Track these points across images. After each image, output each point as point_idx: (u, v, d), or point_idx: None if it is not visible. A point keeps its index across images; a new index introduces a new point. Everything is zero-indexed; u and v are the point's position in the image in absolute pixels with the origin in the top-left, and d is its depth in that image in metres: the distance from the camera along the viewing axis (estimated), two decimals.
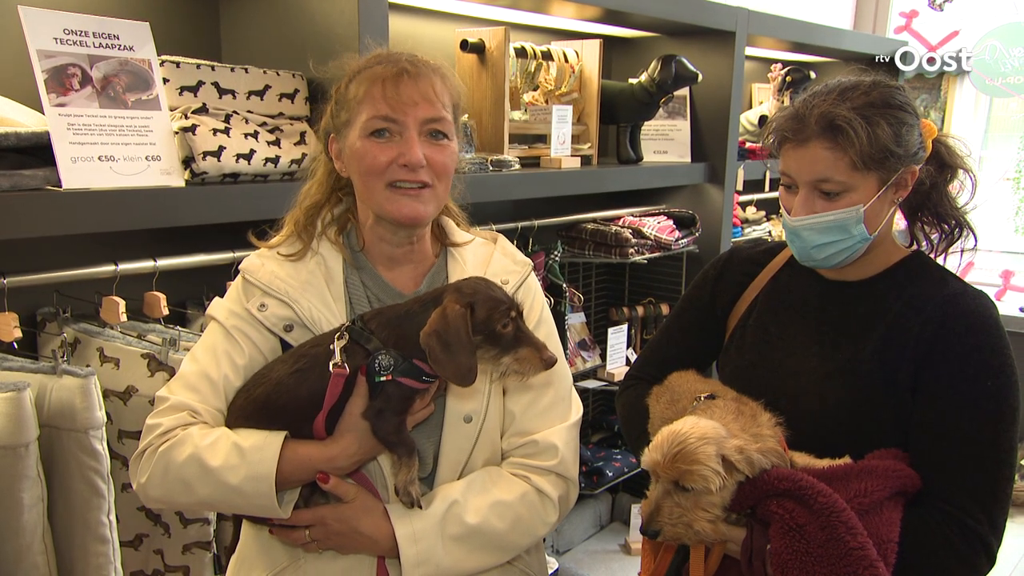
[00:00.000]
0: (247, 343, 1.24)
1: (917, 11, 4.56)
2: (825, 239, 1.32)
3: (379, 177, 1.21)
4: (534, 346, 1.15)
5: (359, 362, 1.17)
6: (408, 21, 2.45)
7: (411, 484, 1.18)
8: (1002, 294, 4.34)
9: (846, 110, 1.25)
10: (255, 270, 1.27)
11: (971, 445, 1.23)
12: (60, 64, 1.49)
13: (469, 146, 2.25)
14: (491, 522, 1.22)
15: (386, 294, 1.29)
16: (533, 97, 2.73)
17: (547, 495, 1.27)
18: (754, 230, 3.54)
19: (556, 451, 1.28)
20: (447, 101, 1.24)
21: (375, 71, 1.21)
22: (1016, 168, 4.58)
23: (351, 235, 1.32)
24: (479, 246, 1.38)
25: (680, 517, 1.20)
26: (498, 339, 1.15)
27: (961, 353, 1.26)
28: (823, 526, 1.14)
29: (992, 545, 1.22)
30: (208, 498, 1.16)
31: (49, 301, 1.76)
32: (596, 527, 3.40)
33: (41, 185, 1.47)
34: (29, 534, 1.47)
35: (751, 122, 3.65)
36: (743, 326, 1.50)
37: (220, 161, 1.66)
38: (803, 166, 1.30)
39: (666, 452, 1.20)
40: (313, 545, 1.22)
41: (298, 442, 1.18)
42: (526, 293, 1.35)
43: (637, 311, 3.16)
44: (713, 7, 2.83)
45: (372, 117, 1.20)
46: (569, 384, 1.37)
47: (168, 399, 1.21)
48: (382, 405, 1.16)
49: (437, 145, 1.23)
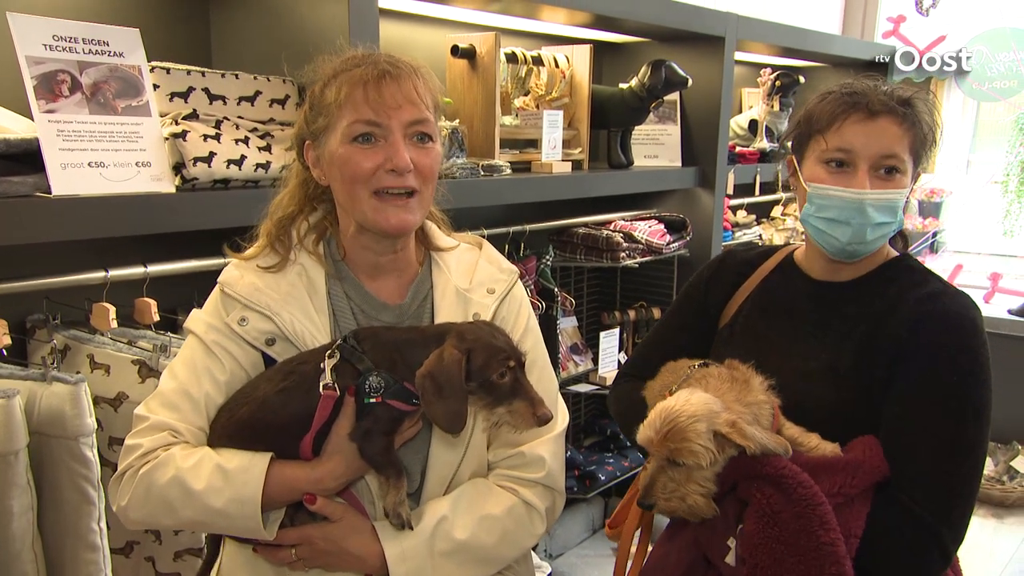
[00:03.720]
0: (228, 359, 1.21)
1: (905, 16, 4.59)
2: (883, 218, 1.33)
3: (364, 185, 1.17)
4: (530, 400, 1.14)
5: (348, 381, 1.15)
6: (399, 27, 2.45)
7: (400, 505, 1.17)
8: (990, 297, 4.36)
9: (913, 92, 1.33)
10: (234, 282, 1.23)
11: (932, 440, 1.24)
12: (49, 70, 1.49)
13: (460, 151, 2.25)
14: (480, 537, 1.21)
15: (370, 305, 1.26)
16: (524, 102, 2.74)
17: (534, 507, 1.27)
18: (744, 234, 3.55)
19: (543, 463, 1.28)
20: (429, 102, 1.20)
21: (354, 74, 1.16)
22: (1004, 172, 4.62)
23: (331, 244, 1.29)
24: (464, 252, 1.35)
25: (674, 491, 1.23)
26: (493, 388, 1.13)
27: (931, 350, 1.27)
28: (798, 516, 1.16)
29: (945, 539, 1.21)
30: (191, 520, 1.14)
31: (39, 308, 1.75)
32: (589, 531, 3.39)
33: (30, 192, 1.46)
34: (19, 542, 1.46)
35: (741, 126, 3.67)
36: (732, 325, 1.51)
37: (211, 167, 1.65)
38: (871, 140, 1.30)
39: (658, 429, 1.21)
40: (300, 564, 1.20)
41: (284, 463, 1.16)
42: (512, 302, 1.34)
43: (629, 315, 3.17)
44: (703, 12, 2.84)
45: (355, 121, 1.15)
46: (556, 392, 1.35)
47: (148, 418, 1.18)
48: (370, 426, 1.14)
49: (423, 148, 1.19)
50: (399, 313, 1.28)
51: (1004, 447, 4.01)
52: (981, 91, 4.53)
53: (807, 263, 1.48)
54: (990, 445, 1.32)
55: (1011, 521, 3.67)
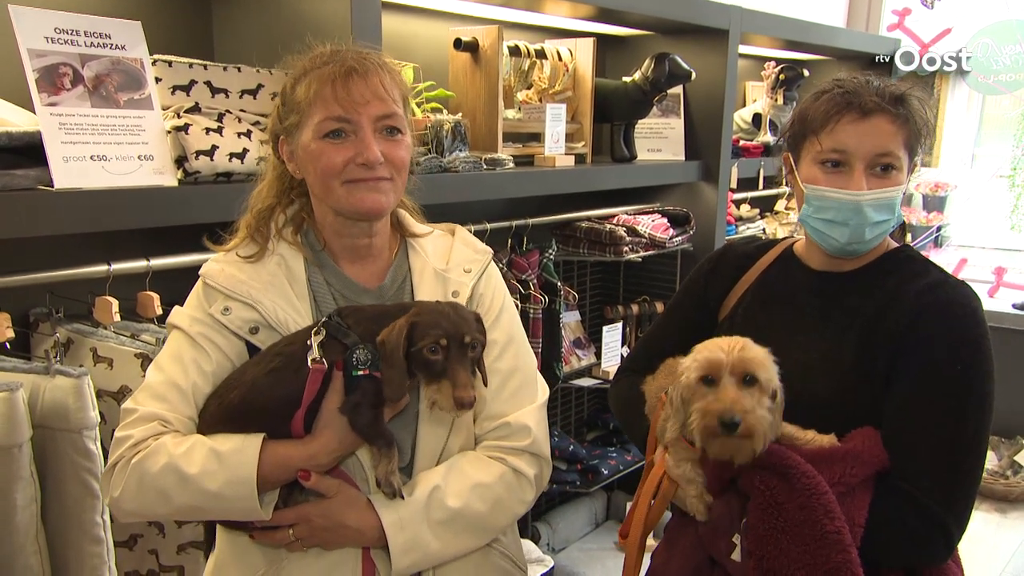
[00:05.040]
0: (213, 349, 1.23)
1: (910, 9, 4.57)
2: (880, 216, 1.34)
3: (336, 177, 1.22)
4: (454, 382, 1.15)
5: (335, 357, 1.17)
6: (401, 20, 2.45)
7: (392, 475, 1.19)
8: (995, 291, 4.35)
9: (906, 88, 1.33)
10: (215, 274, 1.26)
11: (935, 429, 1.24)
12: (51, 63, 1.49)
13: (463, 145, 2.25)
14: (473, 504, 1.24)
15: (350, 290, 1.30)
16: (527, 96, 2.73)
17: (523, 474, 1.29)
18: (748, 228, 3.54)
19: (529, 431, 1.30)
20: (397, 96, 1.24)
21: (323, 72, 1.21)
22: (1011, 166, 4.59)
23: (309, 234, 1.32)
24: (438, 238, 1.40)
25: (753, 409, 1.19)
26: (428, 364, 1.15)
27: (933, 339, 1.27)
28: (802, 506, 1.16)
29: (950, 528, 1.22)
30: (186, 506, 1.15)
31: (42, 301, 1.75)
32: (591, 525, 3.40)
33: (33, 185, 1.46)
34: (23, 535, 1.46)
35: (745, 120, 3.65)
36: (732, 317, 1.52)
37: (213, 160, 1.65)
38: (865, 139, 1.31)
39: (728, 350, 1.21)
40: (297, 544, 1.21)
41: (277, 442, 1.18)
42: (488, 281, 1.37)
43: (632, 309, 3.17)
44: (707, 5, 2.83)
45: (325, 119, 1.20)
46: (534, 366, 1.39)
47: (136, 410, 1.19)
48: (359, 399, 1.17)
49: (392, 141, 1.24)
50: (379, 296, 1.31)
51: (1007, 442, 4.00)
52: (987, 84, 4.51)
53: (807, 255, 1.48)
54: (993, 440, 1.32)
55: (1014, 516, 3.67)
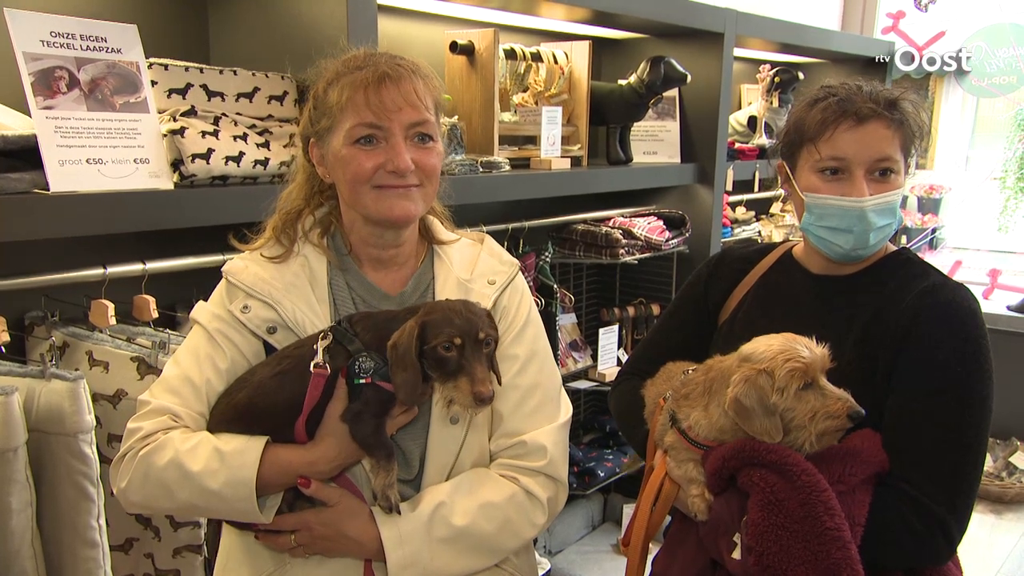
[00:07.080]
0: (230, 347, 1.23)
1: (904, 12, 4.59)
2: (883, 221, 1.34)
3: (365, 183, 1.21)
4: (471, 378, 1.13)
5: (341, 363, 1.16)
6: (397, 23, 2.45)
7: (389, 488, 1.17)
8: (989, 293, 4.36)
9: (899, 92, 1.34)
10: (238, 272, 1.26)
11: (936, 429, 1.25)
12: (47, 67, 1.48)
13: (459, 147, 2.25)
14: (479, 524, 1.21)
15: (372, 295, 1.29)
16: (523, 99, 2.73)
17: (536, 496, 1.26)
18: (744, 230, 3.55)
19: (545, 452, 1.27)
20: (430, 103, 1.23)
21: (355, 77, 1.19)
22: (1003, 168, 4.62)
23: (336, 237, 1.31)
24: (466, 246, 1.37)
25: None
26: (443, 363, 1.13)
27: (934, 340, 1.28)
28: (803, 503, 1.16)
29: (951, 528, 1.22)
30: (188, 502, 1.15)
31: (37, 305, 1.75)
32: (588, 527, 3.40)
33: (28, 188, 1.46)
34: (18, 539, 1.46)
35: (740, 123, 3.66)
36: (732, 321, 1.52)
37: (209, 163, 1.65)
38: (863, 146, 1.32)
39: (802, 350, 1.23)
40: (299, 550, 1.21)
41: (279, 446, 1.17)
42: (513, 293, 1.35)
43: (628, 311, 3.17)
44: (702, 8, 2.84)
45: (357, 124, 1.19)
46: (558, 384, 1.36)
47: (149, 403, 1.20)
48: (360, 407, 1.16)
49: (424, 148, 1.22)
50: (400, 302, 1.29)
51: (1003, 443, 4.01)
52: (980, 87, 4.53)
53: (807, 259, 1.48)
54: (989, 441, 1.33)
55: (1009, 517, 3.68)
